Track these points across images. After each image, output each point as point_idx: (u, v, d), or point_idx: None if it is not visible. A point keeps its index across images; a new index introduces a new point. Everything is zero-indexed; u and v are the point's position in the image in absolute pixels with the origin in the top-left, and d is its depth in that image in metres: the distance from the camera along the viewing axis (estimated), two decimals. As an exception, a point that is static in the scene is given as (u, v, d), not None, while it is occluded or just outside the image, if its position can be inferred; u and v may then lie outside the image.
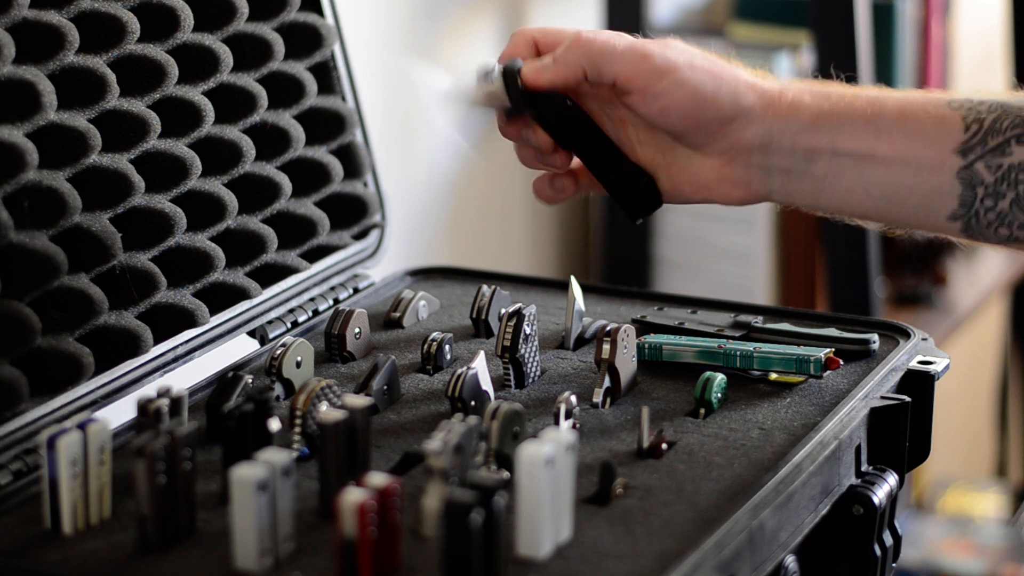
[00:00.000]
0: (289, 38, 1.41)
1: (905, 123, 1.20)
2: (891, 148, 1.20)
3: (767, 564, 1.07)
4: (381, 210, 1.48)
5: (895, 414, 1.22)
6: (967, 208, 1.19)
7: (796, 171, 1.21)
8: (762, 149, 1.21)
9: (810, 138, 1.21)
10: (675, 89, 1.19)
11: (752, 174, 1.22)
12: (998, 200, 1.19)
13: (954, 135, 1.19)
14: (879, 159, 1.20)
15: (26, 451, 1.13)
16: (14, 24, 1.18)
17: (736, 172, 1.22)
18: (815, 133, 1.20)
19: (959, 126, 1.19)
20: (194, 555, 1.03)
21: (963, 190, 1.19)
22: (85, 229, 1.21)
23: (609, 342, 1.23)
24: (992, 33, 3.17)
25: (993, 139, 1.18)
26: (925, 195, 1.20)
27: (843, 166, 1.21)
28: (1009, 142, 1.18)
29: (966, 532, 2.90)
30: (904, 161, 1.20)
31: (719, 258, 2.56)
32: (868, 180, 1.21)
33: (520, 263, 2.42)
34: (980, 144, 1.18)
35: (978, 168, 1.18)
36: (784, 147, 1.21)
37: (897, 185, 1.20)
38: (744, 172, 1.22)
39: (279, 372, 1.25)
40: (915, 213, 1.22)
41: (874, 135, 1.20)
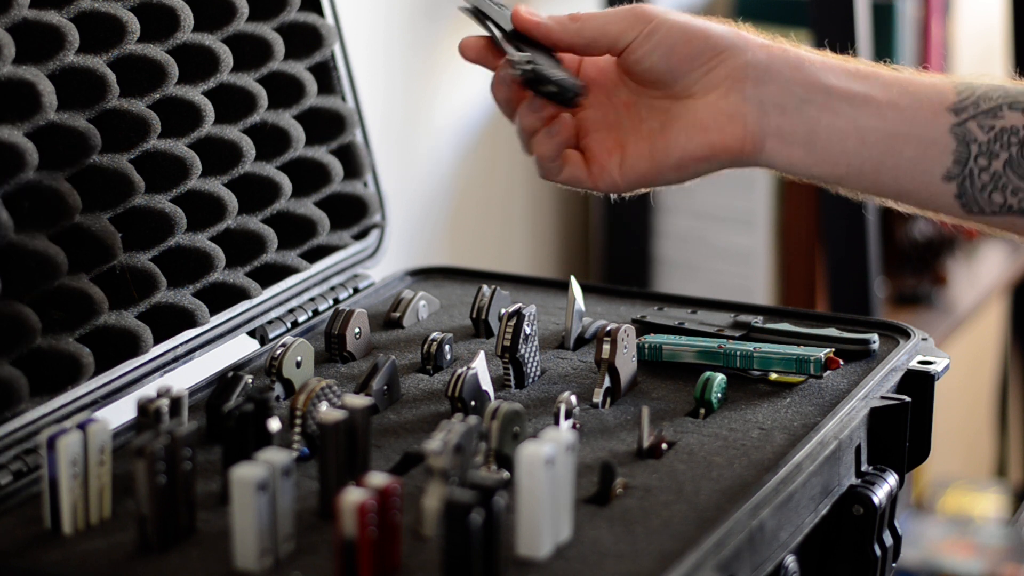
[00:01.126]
0: (289, 38, 1.41)
1: (898, 82, 1.20)
2: (886, 96, 1.19)
3: (767, 564, 1.07)
4: (381, 210, 1.48)
5: (895, 414, 1.22)
6: (962, 166, 1.18)
7: (790, 108, 1.20)
8: (756, 79, 1.20)
9: (805, 75, 1.20)
10: (663, 27, 1.20)
11: (747, 107, 1.20)
12: (992, 160, 1.18)
13: (946, 97, 1.19)
14: (874, 104, 1.19)
15: (26, 451, 1.13)
16: (14, 24, 1.18)
17: (731, 103, 1.20)
18: (810, 72, 1.20)
19: (951, 91, 1.20)
20: (194, 555, 1.03)
21: (957, 145, 1.18)
22: (85, 229, 1.21)
23: (609, 342, 1.23)
24: (992, 33, 3.18)
25: (985, 104, 1.19)
26: (920, 146, 1.19)
27: (838, 108, 1.19)
28: (1001, 107, 1.18)
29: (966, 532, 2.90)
30: (899, 109, 1.19)
31: (719, 258, 2.56)
32: (863, 125, 1.19)
33: (520, 263, 2.42)
34: (972, 106, 1.18)
35: (971, 126, 1.18)
36: (779, 79, 1.20)
37: (893, 133, 1.19)
38: (740, 104, 1.20)
39: (279, 372, 1.25)
40: (910, 169, 1.20)
41: (867, 84, 1.20)
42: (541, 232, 2.49)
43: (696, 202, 2.58)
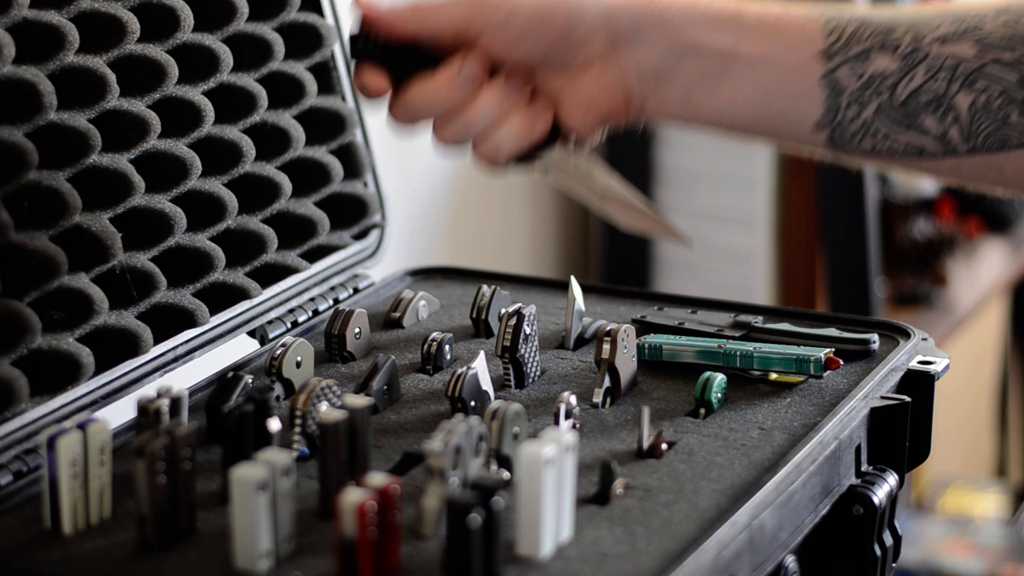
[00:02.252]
0: (289, 38, 1.41)
1: (765, 27, 1.19)
2: (753, 48, 1.19)
3: (767, 564, 1.07)
4: (381, 210, 1.48)
5: (895, 414, 1.22)
6: (832, 115, 1.18)
7: (664, 71, 1.19)
8: (627, 44, 1.19)
9: (671, 33, 1.19)
10: (519, 13, 1.18)
11: (627, 78, 1.19)
12: (862, 109, 1.18)
13: (816, 41, 1.19)
14: (742, 58, 1.19)
15: (26, 451, 1.13)
16: (14, 24, 1.18)
17: (612, 75, 1.20)
18: (675, 28, 1.19)
19: (820, 32, 1.19)
20: (194, 555, 1.03)
21: (827, 96, 1.18)
22: (85, 229, 1.21)
23: (609, 342, 1.23)
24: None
25: (855, 46, 1.18)
26: (791, 99, 1.19)
27: (707, 65, 1.19)
28: (871, 49, 1.18)
29: (966, 532, 2.90)
30: (767, 62, 1.19)
31: (719, 258, 2.56)
32: (734, 80, 1.19)
33: (520, 263, 2.43)
34: (842, 51, 1.18)
35: (841, 74, 1.18)
36: (648, 40, 1.19)
37: (763, 88, 1.19)
38: (620, 75, 1.19)
39: (279, 372, 1.25)
40: (782, 119, 1.20)
41: (734, 35, 1.19)
42: (541, 232, 2.49)
43: (696, 202, 2.58)
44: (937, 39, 1.18)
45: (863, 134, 1.18)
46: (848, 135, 1.19)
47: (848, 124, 1.18)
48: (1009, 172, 1.19)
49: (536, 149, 1.21)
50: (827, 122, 1.19)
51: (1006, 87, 1.16)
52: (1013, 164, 1.19)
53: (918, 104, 1.17)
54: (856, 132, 1.18)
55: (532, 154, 1.21)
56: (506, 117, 1.20)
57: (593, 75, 1.20)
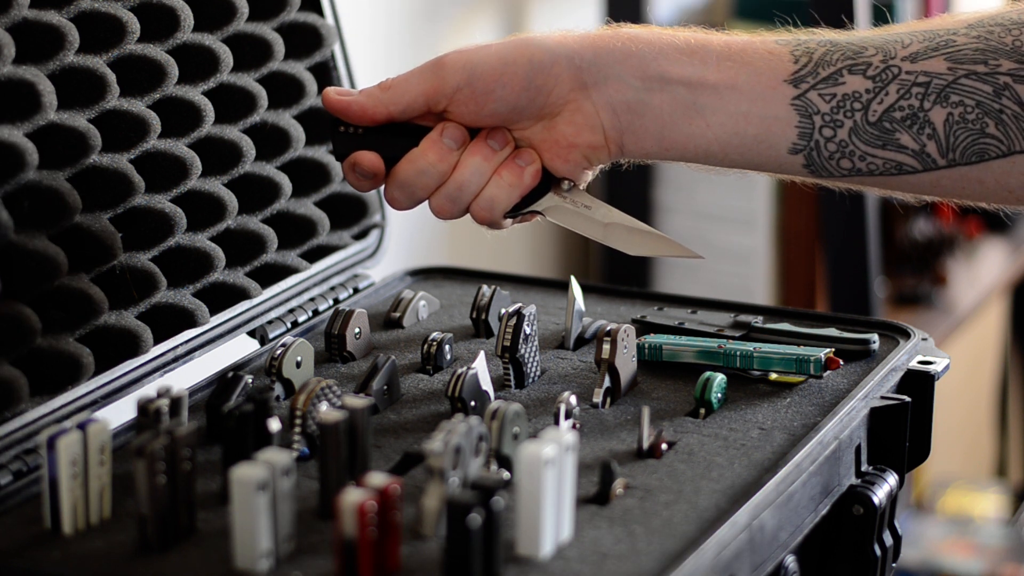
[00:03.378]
0: (289, 38, 1.41)
1: (732, 55, 1.20)
2: (720, 76, 1.19)
3: (767, 564, 1.08)
4: (381, 210, 1.48)
5: (895, 414, 1.22)
6: (807, 139, 1.18)
7: (634, 103, 1.19)
8: (595, 83, 1.19)
9: (636, 66, 1.19)
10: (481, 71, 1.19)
11: (601, 114, 1.20)
12: (836, 130, 1.18)
13: (784, 66, 1.19)
14: (710, 86, 1.19)
15: (26, 451, 1.13)
16: (14, 24, 1.18)
17: (585, 114, 1.20)
18: (639, 61, 1.19)
19: (788, 58, 1.19)
20: (194, 555, 1.03)
21: (800, 119, 1.18)
22: (85, 229, 1.21)
23: (609, 342, 1.23)
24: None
25: (824, 70, 1.18)
26: (763, 123, 1.19)
27: (676, 94, 1.19)
28: (841, 72, 1.18)
29: (966, 532, 2.90)
30: (736, 88, 1.19)
31: (719, 258, 2.56)
32: (703, 107, 1.19)
33: (520, 263, 2.43)
34: (811, 75, 1.18)
35: (812, 97, 1.18)
36: (614, 75, 1.19)
37: (734, 114, 1.19)
38: (593, 113, 1.20)
39: (279, 372, 1.25)
40: (757, 144, 1.20)
41: (701, 64, 1.19)
42: (541, 232, 2.49)
43: (696, 202, 2.58)
44: (908, 57, 1.18)
45: (840, 155, 1.19)
46: (824, 156, 1.19)
47: (824, 146, 1.18)
48: (990, 184, 1.19)
49: (530, 198, 1.21)
50: (802, 146, 1.19)
51: (981, 99, 1.16)
52: (993, 175, 1.19)
53: (892, 122, 1.17)
54: (833, 153, 1.18)
55: (527, 204, 1.22)
56: (495, 173, 1.21)
57: (567, 116, 1.21)
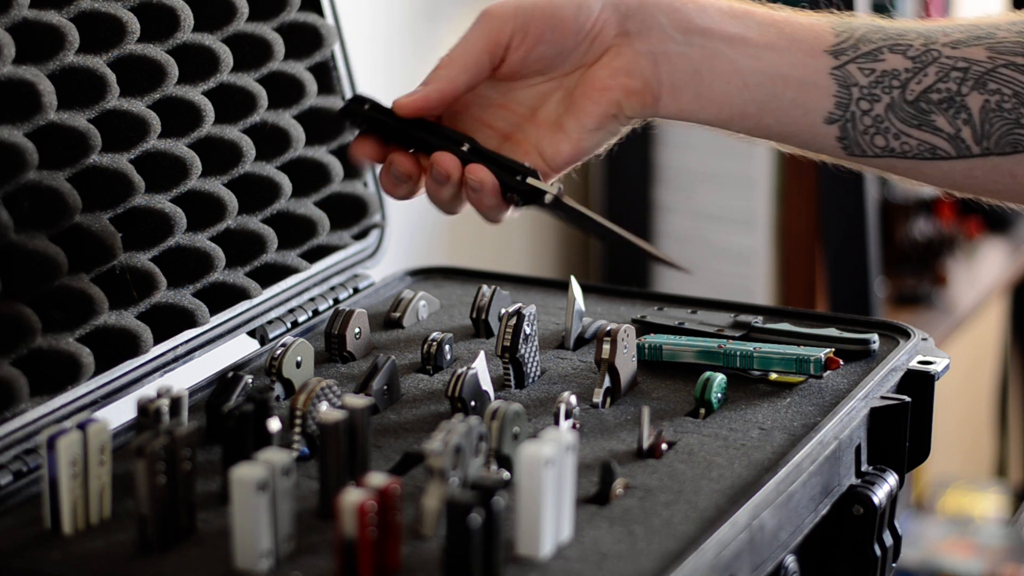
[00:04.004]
0: (289, 38, 1.41)
1: (775, 23, 1.20)
2: (762, 38, 1.20)
3: (767, 564, 1.08)
4: (381, 210, 1.48)
5: (895, 414, 1.22)
6: (843, 109, 1.19)
7: (674, 55, 1.20)
8: (638, 32, 1.20)
9: (681, 19, 1.20)
10: (531, 17, 1.19)
11: (641, 60, 1.20)
12: (873, 103, 1.18)
13: (825, 38, 1.19)
14: (751, 45, 1.19)
15: (26, 451, 1.13)
16: (14, 24, 1.18)
17: (625, 60, 1.20)
18: (684, 15, 1.20)
19: (829, 32, 1.20)
20: (194, 555, 1.03)
21: (838, 88, 1.18)
22: (85, 229, 1.21)
23: (609, 342, 1.23)
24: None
25: (865, 46, 1.19)
26: (801, 88, 1.19)
27: (717, 49, 1.20)
28: (881, 50, 1.18)
29: (966, 532, 2.90)
30: (776, 50, 1.19)
31: (719, 258, 2.56)
32: (743, 66, 1.19)
33: (520, 263, 2.43)
34: (852, 49, 1.19)
35: (851, 69, 1.18)
36: (657, 26, 1.19)
37: (772, 75, 1.19)
38: (633, 58, 1.20)
39: (279, 372, 1.25)
40: (792, 110, 1.20)
41: (744, 25, 1.20)
42: (541, 232, 2.49)
43: (696, 202, 2.58)
44: (949, 44, 1.18)
45: (875, 131, 1.18)
46: (859, 130, 1.19)
47: (860, 119, 1.18)
48: (1022, 177, 1.19)
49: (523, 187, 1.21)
50: (838, 116, 1.18)
51: (1018, 89, 1.16)
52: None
53: (929, 103, 1.17)
54: (868, 128, 1.18)
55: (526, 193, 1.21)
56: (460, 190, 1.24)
57: (606, 61, 1.21)
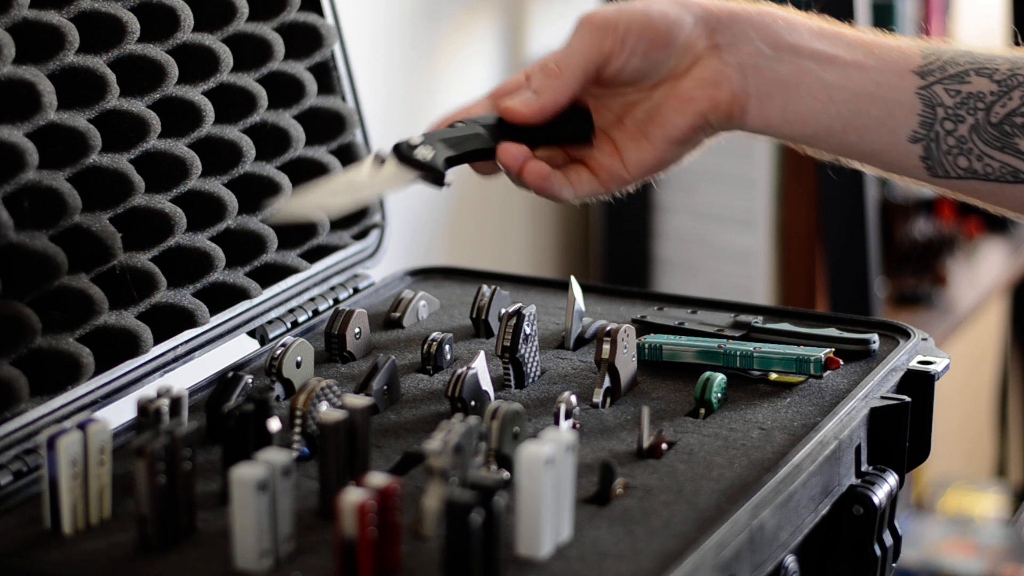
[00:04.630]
0: (289, 38, 1.41)
1: (863, 44, 1.21)
2: (851, 56, 1.20)
3: (767, 564, 1.07)
4: (381, 210, 1.48)
5: (895, 414, 1.22)
6: (928, 128, 1.19)
7: (764, 69, 1.21)
8: (728, 44, 1.21)
9: (771, 34, 1.21)
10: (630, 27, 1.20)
11: (729, 71, 1.21)
12: (958, 124, 1.19)
13: (912, 59, 1.20)
14: (839, 63, 1.20)
15: (26, 451, 1.13)
16: (14, 24, 1.18)
17: (713, 71, 1.21)
18: (773, 31, 1.21)
19: (916, 54, 1.21)
20: (194, 555, 1.03)
21: (923, 108, 1.19)
22: (85, 229, 1.21)
23: (609, 342, 1.23)
24: (992, 33, 3.18)
25: (951, 68, 1.19)
26: (886, 106, 1.20)
27: (806, 66, 1.20)
28: (967, 72, 1.19)
29: (966, 532, 2.90)
30: (865, 69, 1.20)
31: (719, 258, 2.56)
32: (830, 83, 1.20)
33: (520, 263, 2.43)
34: (938, 70, 1.19)
35: (937, 90, 1.19)
36: (748, 40, 1.20)
37: (859, 93, 1.20)
38: (721, 69, 1.21)
39: (279, 372, 1.25)
40: (877, 128, 1.21)
41: (833, 44, 1.21)
42: (541, 232, 2.49)
43: (696, 202, 2.58)
44: None
45: (958, 151, 1.19)
46: (943, 150, 1.19)
47: (944, 138, 1.19)
48: None
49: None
50: (923, 135, 1.19)
51: None
52: None
53: (1014, 126, 1.18)
54: (952, 148, 1.19)
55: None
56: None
57: (694, 73, 1.22)
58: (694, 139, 1.24)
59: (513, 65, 2.34)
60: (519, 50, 2.36)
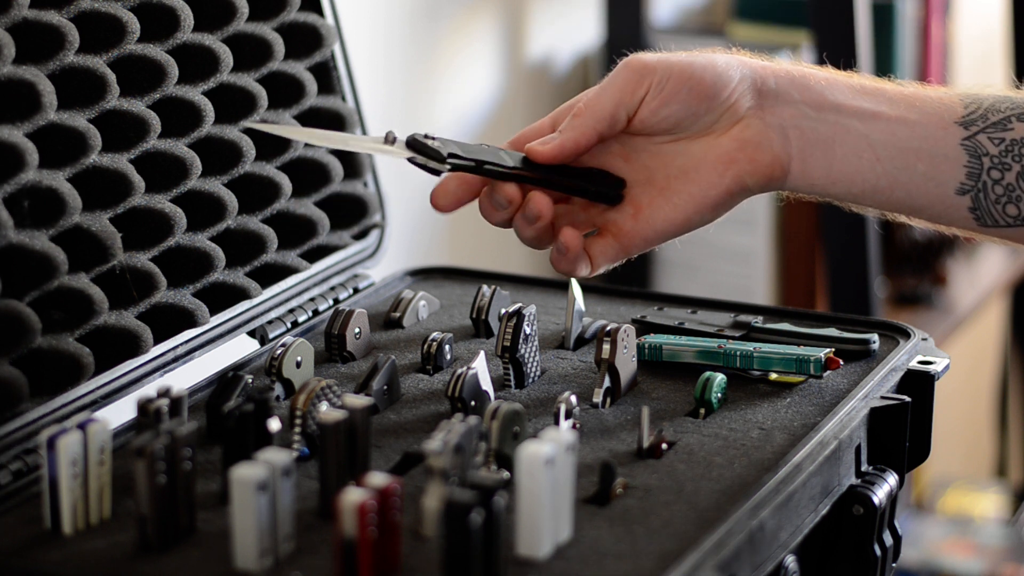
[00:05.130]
0: (289, 38, 1.41)
1: (904, 97, 1.21)
2: (894, 112, 1.20)
3: (767, 564, 1.07)
4: (381, 210, 1.48)
5: (895, 414, 1.22)
6: (975, 179, 1.19)
7: (807, 130, 1.20)
8: (771, 106, 1.20)
9: (813, 95, 1.20)
10: (670, 75, 1.18)
11: (771, 133, 1.20)
12: (1004, 172, 1.18)
13: (954, 110, 1.20)
14: (883, 120, 1.20)
15: (26, 451, 1.13)
16: (14, 24, 1.18)
17: (755, 132, 1.20)
18: (818, 91, 1.20)
19: (958, 104, 1.20)
20: (194, 555, 1.03)
21: (969, 159, 1.19)
22: (85, 229, 1.21)
23: (609, 342, 1.23)
24: (992, 34, 3.18)
25: (994, 116, 1.19)
26: (932, 161, 1.19)
27: (849, 125, 1.20)
28: (1009, 119, 1.19)
29: (966, 532, 2.90)
30: (908, 124, 1.20)
31: (719, 258, 2.56)
32: (875, 140, 1.19)
33: (520, 263, 2.42)
34: (981, 119, 1.19)
35: (981, 139, 1.18)
36: (790, 101, 1.20)
37: (904, 149, 1.19)
38: (763, 131, 1.20)
39: (279, 372, 1.25)
40: (924, 183, 1.20)
41: (875, 101, 1.20)
42: (541, 232, 2.48)
43: (696, 202, 2.57)
44: None
45: (1007, 199, 1.19)
46: (991, 200, 1.19)
47: (991, 188, 1.19)
48: None
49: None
50: (970, 186, 1.19)
51: None
52: None
53: None
54: (1000, 197, 1.19)
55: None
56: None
57: (735, 133, 1.20)
58: (728, 203, 1.22)
59: (513, 65, 2.34)
60: (519, 50, 2.36)
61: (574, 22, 2.48)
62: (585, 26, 2.48)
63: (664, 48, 1.23)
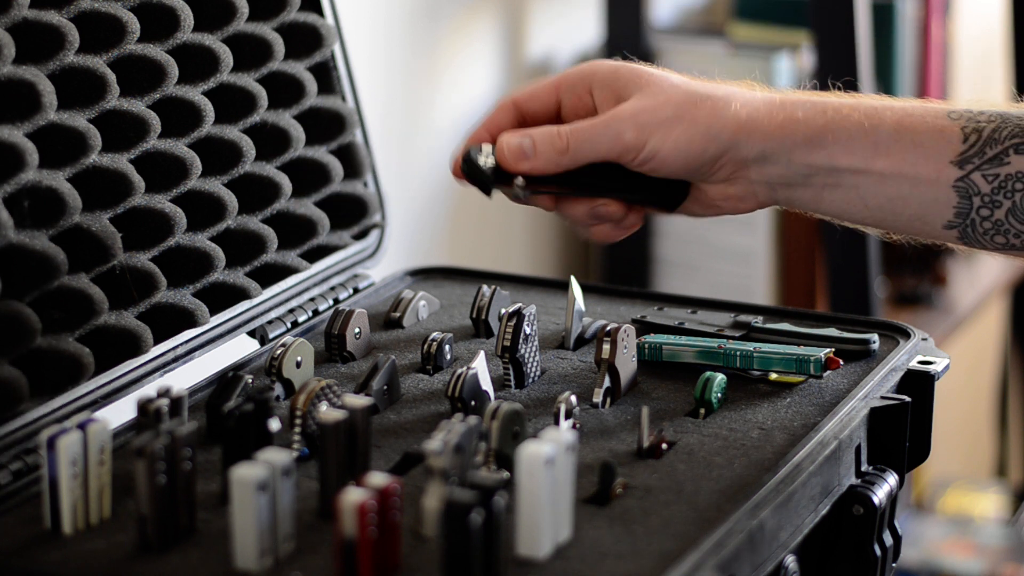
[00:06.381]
0: (289, 38, 1.41)
1: (903, 135, 1.21)
2: (888, 164, 1.21)
3: (767, 564, 1.08)
4: (381, 210, 1.48)
5: (895, 414, 1.22)
6: (963, 218, 1.21)
7: (796, 183, 1.23)
8: (759, 167, 1.22)
9: (806, 155, 1.21)
10: (657, 152, 1.20)
11: (756, 188, 1.23)
12: (994, 210, 1.19)
13: (952, 146, 1.20)
14: (875, 174, 1.21)
15: (26, 451, 1.13)
16: (14, 24, 1.18)
17: (739, 189, 1.24)
18: (810, 150, 1.21)
19: (958, 137, 1.20)
20: (194, 555, 1.03)
21: (959, 200, 1.20)
22: (85, 229, 1.21)
23: (609, 342, 1.23)
24: (992, 35, 3.17)
25: (991, 149, 1.19)
26: (921, 206, 1.22)
27: (840, 180, 1.22)
28: (1007, 151, 1.19)
29: (966, 532, 2.90)
30: (901, 175, 1.21)
31: (719, 258, 2.56)
32: (865, 193, 1.22)
33: (520, 263, 2.42)
34: (978, 155, 1.19)
35: (975, 178, 1.19)
36: (780, 162, 1.22)
37: (893, 198, 1.22)
38: (747, 187, 1.23)
39: (279, 372, 1.25)
40: (911, 223, 1.24)
41: (872, 150, 1.21)
42: (541, 232, 2.49)
43: (696, 202, 2.57)
44: None
45: (994, 232, 1.21)
46: (979, 232, 1.21)
47: (979, 224, 1.21)
48: None
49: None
50: (958, 223, 1.21)
51: None
52: None
53: None
54: (988, 230, 1.21)
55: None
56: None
57: (720, 188, 1.24)
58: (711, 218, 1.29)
59: (513, 65, 2.34)
60: (519, 50, 2.36)
61: (574, 22, 2.48)
62: (585, 26, 2.48)
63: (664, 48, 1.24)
